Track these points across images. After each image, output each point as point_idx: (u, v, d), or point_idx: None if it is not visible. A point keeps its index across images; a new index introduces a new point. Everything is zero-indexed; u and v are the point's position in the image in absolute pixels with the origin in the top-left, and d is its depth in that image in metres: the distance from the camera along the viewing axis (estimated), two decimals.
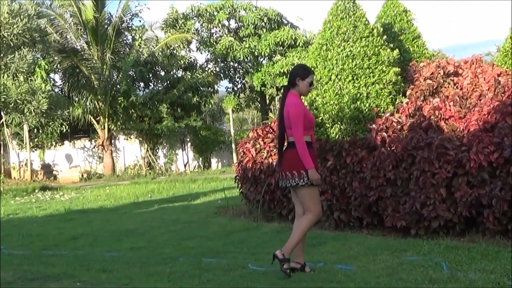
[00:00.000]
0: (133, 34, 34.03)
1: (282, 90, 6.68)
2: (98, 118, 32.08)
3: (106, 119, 31.56)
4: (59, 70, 32.47)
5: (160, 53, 33.14)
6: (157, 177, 29.17)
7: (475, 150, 8.04)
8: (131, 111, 32.04)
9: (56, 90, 33.44)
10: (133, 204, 17.32)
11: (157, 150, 34.45)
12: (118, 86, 31.70)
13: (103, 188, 23.74)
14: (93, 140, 34.70)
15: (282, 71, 31.59)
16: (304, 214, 6.47)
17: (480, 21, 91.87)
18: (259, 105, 38.35)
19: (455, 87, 10.37)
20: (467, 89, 10.07)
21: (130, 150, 34.11)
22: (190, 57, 34.72)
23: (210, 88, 34.28)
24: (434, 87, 10.35)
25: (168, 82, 33.06)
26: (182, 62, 33.63)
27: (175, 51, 33.71)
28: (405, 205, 8.56)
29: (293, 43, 32.49)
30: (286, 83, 6.68)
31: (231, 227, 10.99)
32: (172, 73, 33.77)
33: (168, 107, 33.11)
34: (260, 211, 11.37)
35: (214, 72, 34.88)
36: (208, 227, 11.25)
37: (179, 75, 33.99)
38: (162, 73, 33.89)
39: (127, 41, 34.29)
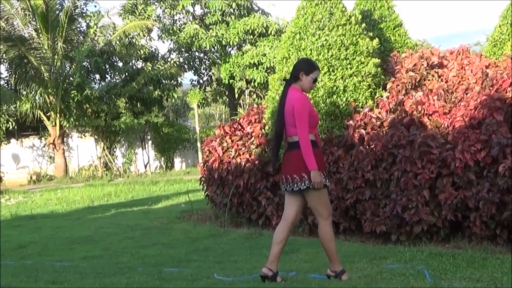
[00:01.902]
0: (87, 21, 33.79)
1: (284, 84, 6.67)
2: (48, 114, 31.79)
3: (58, 115, 31.28)
4: (5, 61, 32.08)
5: (117, 42, 32.95)
6: (114, 179, 29.00)
7: (460, 148, 8.11)
8: (85, 106, 31.82)
9: (1, 82, 33.08)
10: (88, 208, 17.21)
11: (115, 149, 34.27)
12: (71, 78, 31.45)
13: (54, 191, 23.57)
14: (43, 138, 34.37)
15: (252, 62, 31.59)
16: (318, 220, 6.58)
17: (471, 9, 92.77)
18: (227, 99, 38.32)
19: (439, 80, 10.45)
20: (453, 82, 10.16)
21: (85, 149, 33.86)
22: (151, 47, 34.61)
23: (173, 81, 34.18)
24: (417, 80, 10.43)
25: (126, 74, 32.89)
26: (142, 52, 33.48)
27: (134, 40, 33.55)
28: (385, 208, 8.62)
29: (264, 31, 32.48)
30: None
31: (195, 233, 10.98)
32: (131, 64, 33.62)
33: (127, 101, 32.94)
34: (227, 215, 11.38)
35: (178, 63, 34.76)
36: (170, 234, 11.22)
37: (139, 66, 33.85)
38: (120, 64, 33.72)
39: (81, 28, 34.04)
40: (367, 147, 9.19)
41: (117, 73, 33.32)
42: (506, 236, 7.79)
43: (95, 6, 54.76)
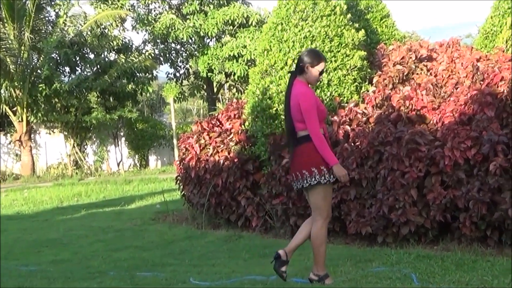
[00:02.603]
0: (56, 10, 33.63)
1: (288, 77, 6.70)
2: (14, 109, 31.60)
3: (25, 110, 31.10)
4: None
5: (89, 33, 32.79)
6: (85, 178, 28.90)
7: (450, 145, 8.17)
8: (54, 101, 31.67)
9: None
10: (56, 209, 17.16)
11: (85, 146, 34.13)
12: (38, 71, 31.29)
13: (20, 191, 23.46)
14: (8, 135, 34.16)
15: (232, 54, 31.60)
16: (313, 219, 6.59)
17: (463, 0, 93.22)
18: (205, 93, 38.31)
19: (428, 74, 10.51)
20: (442, 76, 10.22)
21: (53, 146, 33.68)
22: (125, 38, 34.46)
23: (148, 74, 34.05)
24: (405, 74, 10.48)
25: (98, 66, 32.76)
26: (115, 43, 33.36)
27: (106, 30, 33.42)
28: (371, 208, 8.66)
29: (244, 22, 32.48)
30: (293, 69, 6.71)
31: (171, 235, 10.99)
32: (103, 56, 33.48)
33: (98, 95, 32.83)
34: (204, 216, 11.38)
35: (153, 55, 34.65)
36: (144, 236, 11.22)
37: (112, 58, 33.72)
38: (91, 56, 33.57)
39: (49, 18, 33.87)
40: (352, 144, 9.23)
41: (88, 65, 33.15)
42: (497, 238, 7.86)
43: None
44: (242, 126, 11.14)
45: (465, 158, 8.11)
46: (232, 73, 32.50)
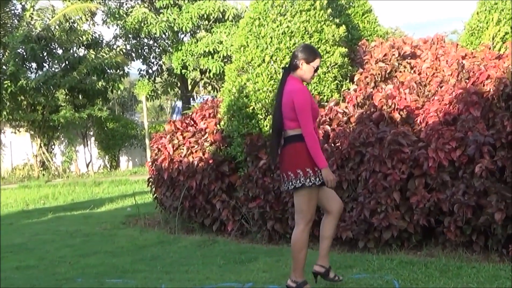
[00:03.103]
0: (23, 3, 33.39)
1: (281, 73, 6.68)
2: None
3: None
4: None
5: (57, 27, 32.59)
6: (52, 180, 28.76)
7: (434, 146, 8.19)
8: (20, 98, 31.44)
9: None
10: (22, 212, 17.06)
11: (53, 147, 33.94)
12: (3, 67, 31.05)
13: None
14: None
15: (207, 50, 31.52)
16: (295, 222, 6.62)
17: None
18: (179, 91, 38.22)
19: (412, 72, 10.54)
20: (426, 74, 10.25)
21: (19, 146, 33.48)
22: (95, 32, 34.28)
23: (119, 71, 33.90)
24: (387, 72, 10.51)
25: (67, 62, 32.55)
26: (84, 38, 33.17)
27: (75, 25, 33.22)
28: (351, 212, 8.66)
29: (221, 16, 32.43)
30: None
31: (142, 240, 10.94)
32: (72, 51, 33.28)
33: (67, 93, 32.63)
34: (178, 220, 11.35)
35: (124, 50, 34.52)
36: (114, 241, 11.16)
37: (81, 54, 33.52)
38: (60, 52, 33.36)
39: (15, 11, 33.62)
40: (332, 145, 9.23)
41: (56, 61, 32.93)
42: (482, 243, 7.89)
43: None
44: (218, 125, 11.11)
45: (450, 160, 8.14)
46: (208, 70, 32.43)
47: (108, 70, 32.96)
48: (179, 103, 42.68)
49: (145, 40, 35.48)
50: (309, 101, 6.36)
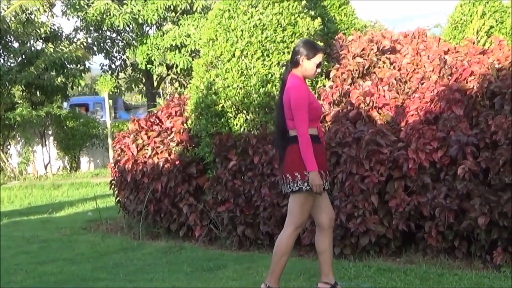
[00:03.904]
0: None
1: (283, 71, 6.69)
2: None
3: None
4: None
5: (12, 18, 32.37)
6: (8, 182, 28.53)
7: (414, 147, 8.22)
8: None
9: None
10: None
11: (9, 147, 33.66)
12: None
13: None
14: None
15: (174, 44, 31.42)
16: (285, 225, 6.63)
17: None
18: (144, 88, 38.10)
19: (391, 68, 10.58)
20: (407, 70, 10.29)
21: None
22: (54, 25, 34.06)
23: (79, 65, 33.68)
24: (366, 67, 10.53)
25: (23, 56, 32.32)
26: (42, 30, 32.94)
27: (33, 16, 33.00)
28: None
29: (188, 8, 32.36)
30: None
31: (104, 246, 10.88)
32: (29, 45, 33.05)
33: (24, 89, 32.39)
34: (142, 225, 11.31)
35: (85, 44, 34.33)
36: (74, 247, 11.08)
37: (39, 47, 33.29)
38: (16, 45, 33.13)
39: None
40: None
41: (11, 55, 32.70)
42: (465, 249, 7.93)
43: None
44: (185, 124, 11.07)
45: (431, 161, 8.17)
46: (174, 65, 32.34)
47: (68, 65, 32.70)
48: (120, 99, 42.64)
49: (108, 33, 35.31)
50: (306, 99, 6.37)
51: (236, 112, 10.17)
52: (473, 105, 8.61)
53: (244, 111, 10.14)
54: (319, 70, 6.81)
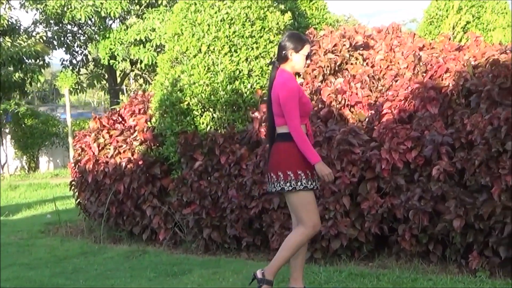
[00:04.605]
0: None
1: (270, 67, 6.66)
2: None
3: None
4: None
5: None
6: None
7: (387, 147, 8.25)
8: None
9: None
10: None
11: None
12: None
13: None
14: None
15: (138, 38, 31.32)
16: (300, 226, 6.50)
17: None
18: (107, 84, 37.94)
19: (364, 64, 10.61)
20: (380, 67, 10.32)
21: None
22: (11, 17, 33.86)
23: (38, 61, 33.54)
24: (337, 64, 10.55)
25: None
26: None
27: None
28: None
29: (153, 1, 32.31)
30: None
31: (63, 251, 10.82)
32: None
33: None
34: (103, 228, 11.27)
35: (45, 38, 34.15)
36: (31, 252, 11.02)
37: None
38: None
39: None
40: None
41: None
42: (440, 253, 7.97)
43: None
44: (148, 123, 11.06)
45: (405, 162, 8.20)
46: (139, 61, 32.24)
47: (27, 60, 32.52)
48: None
49: (69, 27, 35.12)
50: (296, 93, 6.34)
51: (203, 110, 10.16)
52: (448, 104, 8.65)
53: (211, 109, 10.13)
54: (308, 61, 6.82)
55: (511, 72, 7.98)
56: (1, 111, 31.06)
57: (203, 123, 10.12)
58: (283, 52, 6.50)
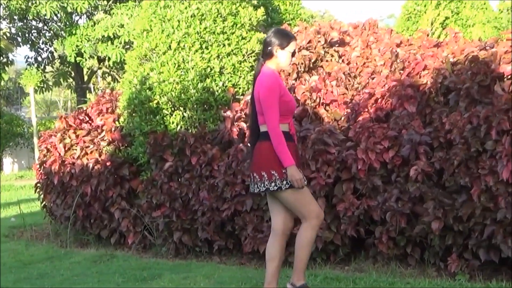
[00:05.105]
0: None
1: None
2: None
3: None
4: None
5: None
6: None
7: (364, 146, 8.25)
8: None
9: None
10: None
11: None
12: None
13: None
14: None
15: (106, 34, 31.23)
16: (302, 222, 6.50)
17: None
18: (74, 82, 37.80)
19: (340, 61, 10.61)
20: (356, 64, 10.34)
21: None
22: None
23: (2, 58, 33.41)
24: (312, 61, 10.54)
25: None
26: None
27: None
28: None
29: None
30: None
31: (28, 255, 10.76)
32: None
33: None
34: (70, 232, 11.22)
35: (9, 34, 34.01)
36: None
37: None
38: None
39: None
40: (249, 144, 9.21)
41: None
42: (418, 256, 7.98)
43: None
44: (116, 122, 11.01)
45: (382, 162, 8.20)
46: (106, 58, 32.14)
47: None
48: None
49: (34, 23, 34.97)
50: (276, 92, 6.31)
51: (173, 109, 10.12)
52: (426, 102, 8.66)
53: (181, 108, 10.10)
54: (294, 59, 6.81)
55: (490, 70, 8.00)
56: None
57: (173, 123, 10.08)
58: (268, 48, 6.50)
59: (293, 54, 6.60)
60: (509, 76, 7.80)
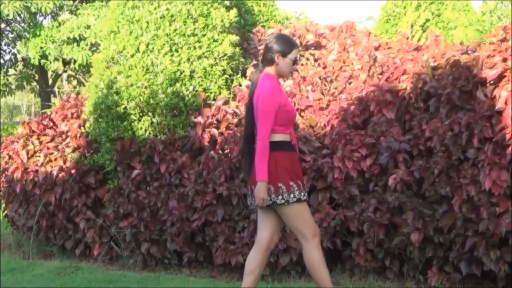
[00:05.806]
0: None
1: (254, 70, 6.56)
2: None
3: None
4: None
5: None
6: None
7: (340, 154, 8.24)
8: None
9: None
10: None
11: None
12: None
13: None
14: None
15: (72, 36, 31.13)
16: (301, 243, 6.49)
17: None
18: (38, 86, 37.66)
19: (315, 65, 10.61)
20: (333, 68, 10.33)
21: None
22: None
23: None
24: None
25: None
26: None
27: None
28: (242, 233, 8.64)
29: None
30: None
31: None
32: None
33: None
34: (33, 243, 11.14)
35: None
36: None
37: None
38: None
39: None
40: (220, 152, 9.19)
41: None
42: (397, 269, 7.98)
43: None
44: (82, 128, 10.95)
45: (359, 170, 8.21)
46: (72, 60, 32.02)
47: None
48: None
49: None
50: (276, 101, 6.28)
51: (141, 114, 10.07)
52: (405, 108, 8.66)
53: (150, 113, 10.06)
54: (295, 67, 6.78)
55: (472, 74, 8.00)
56: None
57: (141, 129, 10.03)
58: (269, 54, 6.47)
59: (294, 62, 6.56)
60: (492, 82, 7.79)
